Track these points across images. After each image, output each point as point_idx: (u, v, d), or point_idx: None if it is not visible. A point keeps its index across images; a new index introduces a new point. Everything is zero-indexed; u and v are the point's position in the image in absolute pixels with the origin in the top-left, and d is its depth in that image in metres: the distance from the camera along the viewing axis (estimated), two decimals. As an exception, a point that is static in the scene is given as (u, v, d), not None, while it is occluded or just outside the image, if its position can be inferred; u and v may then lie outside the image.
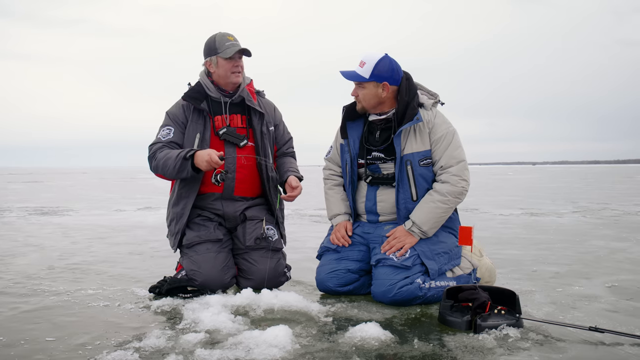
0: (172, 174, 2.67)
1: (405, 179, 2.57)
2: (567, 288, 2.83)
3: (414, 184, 2.57)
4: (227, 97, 2.83)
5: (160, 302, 2.46)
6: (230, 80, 2.77)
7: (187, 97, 2.81)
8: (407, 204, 2.59)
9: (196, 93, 2.81)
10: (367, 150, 2.68)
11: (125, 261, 3.64)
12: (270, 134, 2.92)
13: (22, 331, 2.08)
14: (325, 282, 2.64)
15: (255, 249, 2.76)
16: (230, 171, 2.76)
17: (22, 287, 2.83)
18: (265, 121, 2.89)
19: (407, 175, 2.56)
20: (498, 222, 6.28)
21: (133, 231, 5.32)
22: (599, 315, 2.30)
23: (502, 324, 2.03)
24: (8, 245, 4.36)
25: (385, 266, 2.48)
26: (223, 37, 2.74)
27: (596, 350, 1.88)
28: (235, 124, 2.83)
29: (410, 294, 2.40)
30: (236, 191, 2.82)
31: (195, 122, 2.78)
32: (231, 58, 2.72)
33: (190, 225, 2.79)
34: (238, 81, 2.80)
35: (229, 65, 2.74)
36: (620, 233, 5.19)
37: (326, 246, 2.77)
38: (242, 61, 2.80)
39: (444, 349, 1.88)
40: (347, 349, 1.87)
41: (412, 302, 2.43)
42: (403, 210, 2.60)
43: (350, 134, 2.72)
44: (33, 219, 6.58)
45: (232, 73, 2.76)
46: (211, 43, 2.76)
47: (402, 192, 2.58)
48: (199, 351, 1.81)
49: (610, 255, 3.91)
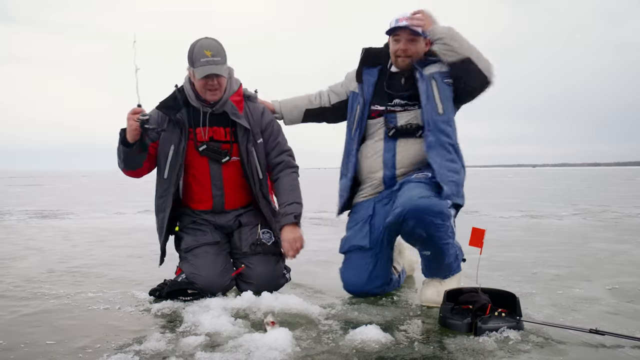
0: (125, 161, 2.60)
1: (431, 95, 2.55)
2: (568, 290, 2.82)
3: (439, 99, 2.55)
4: (209, 107, 2.65)
5: (161, 305, 2.46)
6: (205, 97, 2.61)
7: (161, 108, 2.64)
8: (434, 117, 2.55)
9: (172, 101, 2.64)
10: (388, 96, 2.65)
11: (125, 264, 3.64)
12: (259, 147, 2.72)
13: (23, 335, 2.07)
14: (363, 287, 2.63)
15: (252, 254, 2.75)
16: (217, 187, 2.70)
17: (22, 291, 2.83)
18: (251, 135, 2.68)
19: (432, 90, 2.55)
20: (498, 224, 6.27)
21: (133, 234, 5.32)
22: (600, 318, 2.30)
23: (503, 326, 2.02)
24: (8, 249, 4.36)
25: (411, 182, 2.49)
26: (200, 50, 2.51)
27: (597, 352, 1.87)
28: (219, 136, 2.68)
29: (437, 205, 2.35)
30: (226, 206, 2.77)
31: (170, 133, 2.64)
32: (205, 78, 2.53)
33: (185, 230, 2.79)
34: (214, 99, 2.61)
35: (202, 83, 2.56)
36: (621, 235, 5.18)
37: (356, 244, 2.67)
38: (221, 77, 2.57)
39: (444, 352, 1.87)
40: (347, 352, 1.86)
41: (434, 217, 2.34)
42: (431, 124, 2.55)
43: (365, 79, 2.68)
44: (33, 222, 6.58)
45: (207, 90, 2.59)
46: (190, 53, 2.55)
47: (429, 105, 2.55)
48: (199, 354, 1.81)
49: (610, 257, 3.91)
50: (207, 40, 2.56)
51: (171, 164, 2.65)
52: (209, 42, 2.54)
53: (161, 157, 2.68)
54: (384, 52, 2.76)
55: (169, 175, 2.66)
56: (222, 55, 2.54)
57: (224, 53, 2.56)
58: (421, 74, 2.59)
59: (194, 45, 2.54)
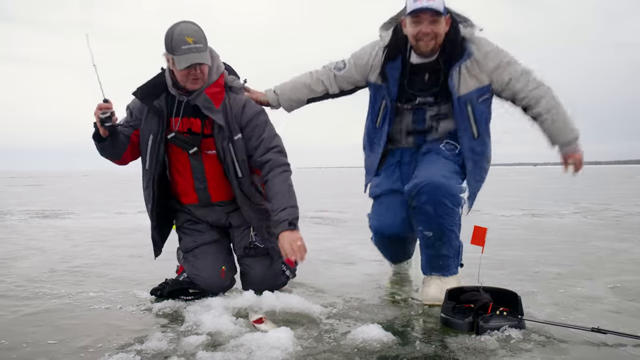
0: (101, 152, 2.55)
1: (466, 119, 2.51)
2: (569, 289, 2.82)
3: (475, 122, 2.52)
4: (185, 96, 2.47)
5: (162, 305, 2.46)
6: (186, 86, 2.44)
7: (138, 93, 2.48)
8: (470, 143, 2.54)
9: (153, 88, 2.48)
10: (413, 95, 2.56)
11: (126, 264, 3.64)
12: (236, 143, 2.51)
13: (24, 334, 2.07)
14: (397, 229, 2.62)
15: (246, 256, 2.73)
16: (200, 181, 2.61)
17: (23, 290, 2.83)
18: (227, 132, 2.48)
19: (467, 115, 2.50)
20: (499, 223, 6.27)
21: (134, 234, 5.32)
22: (602, 317, 2.30)
23: (504, 325, 2.02)
24: (9, 249, 4.36)
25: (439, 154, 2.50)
26: (180, 36, 2.30)
27: (599, 351, 1.87)
28: (196, 128, 2.51)
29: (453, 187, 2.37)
30: (213, 198, 2.67)
31: (150, 121, 2.50)
32: (188, 67, 2.35)
33: (183, 230, 2.77)
34: (195, 87, 2.44)
35: (184, 73, 2.38)
36: (622, 234, 5.18)
37: (389, 188, 2.65)
38: (204, 65, 2.39)
39: (445, 351, 1.87)
40: (349, 351, 1.86)
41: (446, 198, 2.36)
42: (467, 150, 2.54)
43: (389, 74, 2.56)
44: (34, 222, 6.58)
45: (189, 80, 2.41)
46: (168, 39, 2.34)
47: (464, 131, 2.52)
48: (200, 353, 1.81)
49: (612, 256, 3.90)
50: (187, 24, 2.35)
51: (150, 154, 2.54)
52: (189, 27, 2.34)
53: (142, 147, 2.57)
54: (400, 37, 2.57)
55: (149, 166, 2.57)
56: (203, 41, 2.36)
57: (205, 38, 2.38)
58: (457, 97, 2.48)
59: (172, 31, 2.34)
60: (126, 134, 2.57)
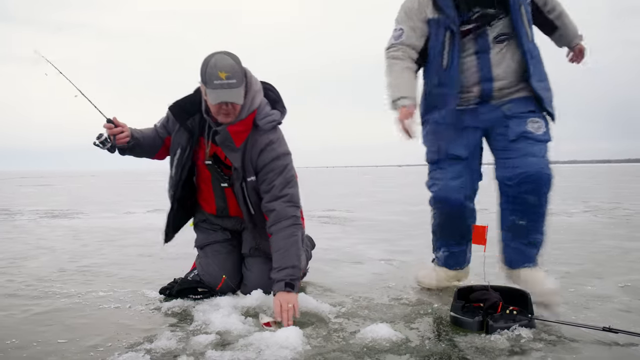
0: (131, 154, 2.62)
1: (521, 21, 2.49)
2: (580, 288, 2.80)
3: (528, 24, 2.52)
4: (214, 125, 2.45)
5: (171, 304, 2.47)
6: (218, 119, 2.40)
7: (173, 109, 2.52)
8: (528, 45, 2.49)
9: (189, 105, 2.49)
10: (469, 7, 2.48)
11: (135, 263, 3.66)
12: (249, 184, 2.48)
13: (35, 333, 2.09)
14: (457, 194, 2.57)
15: (250, 256, 2.73)
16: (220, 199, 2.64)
17: (33, 290, 2.85)
18: (242, 173, 2.45)
19: (521, 16, 2.49)
20: (508, 222, 6.22)
21: (143, 233, 5.34)
22: (613, 316, 2.28)
23: (514, 324, 2.01)
24: (19, 248, 4.39)
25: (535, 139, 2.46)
26: (214, 69, 2.22)
27: (610, 350, 1.86)
28: (221, 155, 2.51)
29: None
30: (231, 213, 2.71)
31: (181, 135, 2.52)
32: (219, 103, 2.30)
33: (199, 227, 2.82)
34: (226, 121, 2.37)
35: (215, 107, 2.32)
36: (633, 232, 5.13)
37: (452, 153, 2.58)
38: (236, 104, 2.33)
39: (455, 350, 1.86)
40: (358, 350, 1.86)
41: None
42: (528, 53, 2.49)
43: (442, 3, 2.50)
44: (44, 222, 6.63)
45: (219, 114, 2.35)
46: (203, 69, 2.26)
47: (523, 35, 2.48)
48: (209, 352, 1.81)
49: (622, 255, 3.87)
50: (222, 56, 2.25)
51: (177, 165, 2.59)
52: (225, 60, 2.24)
53: (171, 154, 2.62)
54: None
55: (174, 175, 2.62)
56: (238, 76, 2.25)
57: (241, 72, 2.27)
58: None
59: (207, 61, 2.25)
60: (162, 135, 2.63)
